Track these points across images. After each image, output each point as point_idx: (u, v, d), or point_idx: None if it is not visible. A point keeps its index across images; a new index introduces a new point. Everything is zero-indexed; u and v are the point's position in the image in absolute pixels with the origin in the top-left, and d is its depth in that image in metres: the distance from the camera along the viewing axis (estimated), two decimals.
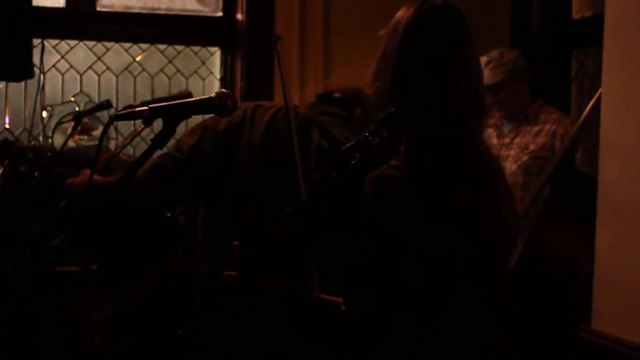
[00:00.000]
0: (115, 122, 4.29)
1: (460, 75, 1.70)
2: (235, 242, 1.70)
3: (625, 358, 2.70)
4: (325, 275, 1.85)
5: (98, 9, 4.31)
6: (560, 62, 4.36)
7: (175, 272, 3.10)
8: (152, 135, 2.06)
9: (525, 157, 3.72)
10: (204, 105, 1.76)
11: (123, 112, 1.76)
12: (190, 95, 2.44)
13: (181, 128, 4.70)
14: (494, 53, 3.81)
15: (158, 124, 1.78)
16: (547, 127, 3.74)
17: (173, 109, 1.73)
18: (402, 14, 1.75)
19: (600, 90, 2.95)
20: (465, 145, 1.71)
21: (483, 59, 3.74)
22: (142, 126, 2.65)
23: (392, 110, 1.65)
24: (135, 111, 1.71)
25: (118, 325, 3.11)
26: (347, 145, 1.68)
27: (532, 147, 3.73)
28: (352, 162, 1.66)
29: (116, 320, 3.10)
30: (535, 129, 3.77)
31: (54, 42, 4.28)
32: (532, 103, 3.84)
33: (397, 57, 1.71)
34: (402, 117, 1.67)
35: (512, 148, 3.78)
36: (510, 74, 3.78)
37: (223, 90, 1.82)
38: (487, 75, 3.70)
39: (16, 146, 2.50)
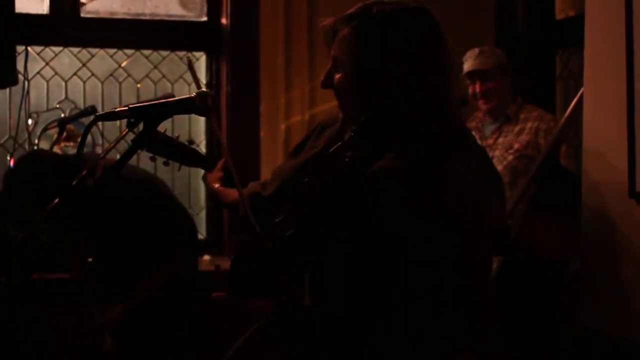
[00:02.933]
0: (101, 128, 4.32)
1: (437, 70, 1.71)
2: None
3: (613, 355, 2.70)
4: (317, 284, 1.82)
5: (82, 15, 4.29)
6: (545, 62, 4.38)
7: (179, 272, 3.09)
8: None
9: (510, 157, 3.72)
10: (184, 106, 1.76)
11: (104, 113, 1.77)
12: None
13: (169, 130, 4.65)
14: (485, 47, 3.85)
15: None
16: (529, 124, 3.75)
17: (153, 109, 1.73)
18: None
19: (582, 89, 2.96)
20: (458, 136, 1.72)
21: (475, 50, 3.77)
22: (126, 130, 2.65)
23: (371, 115, 1.66)
24: (115, 112, 1.73)
25: (125, 327, 3.09)
26: (333, 147, 1.68)
27: (516, 145, 3.72)
28: (346, 160, 1.65)
29: (124, 322, 3.08)
30: (517, 127, 3.77)
31: (38, 48, 4.27)
32: (512, 102, 3.85)
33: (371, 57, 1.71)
34: (382, 119, 1.67)
35: (496, 149, 3.78)
36: (500, 66, 3.80)
37: (203, 89, 1.81)
38: (480, 63, 3.74)
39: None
